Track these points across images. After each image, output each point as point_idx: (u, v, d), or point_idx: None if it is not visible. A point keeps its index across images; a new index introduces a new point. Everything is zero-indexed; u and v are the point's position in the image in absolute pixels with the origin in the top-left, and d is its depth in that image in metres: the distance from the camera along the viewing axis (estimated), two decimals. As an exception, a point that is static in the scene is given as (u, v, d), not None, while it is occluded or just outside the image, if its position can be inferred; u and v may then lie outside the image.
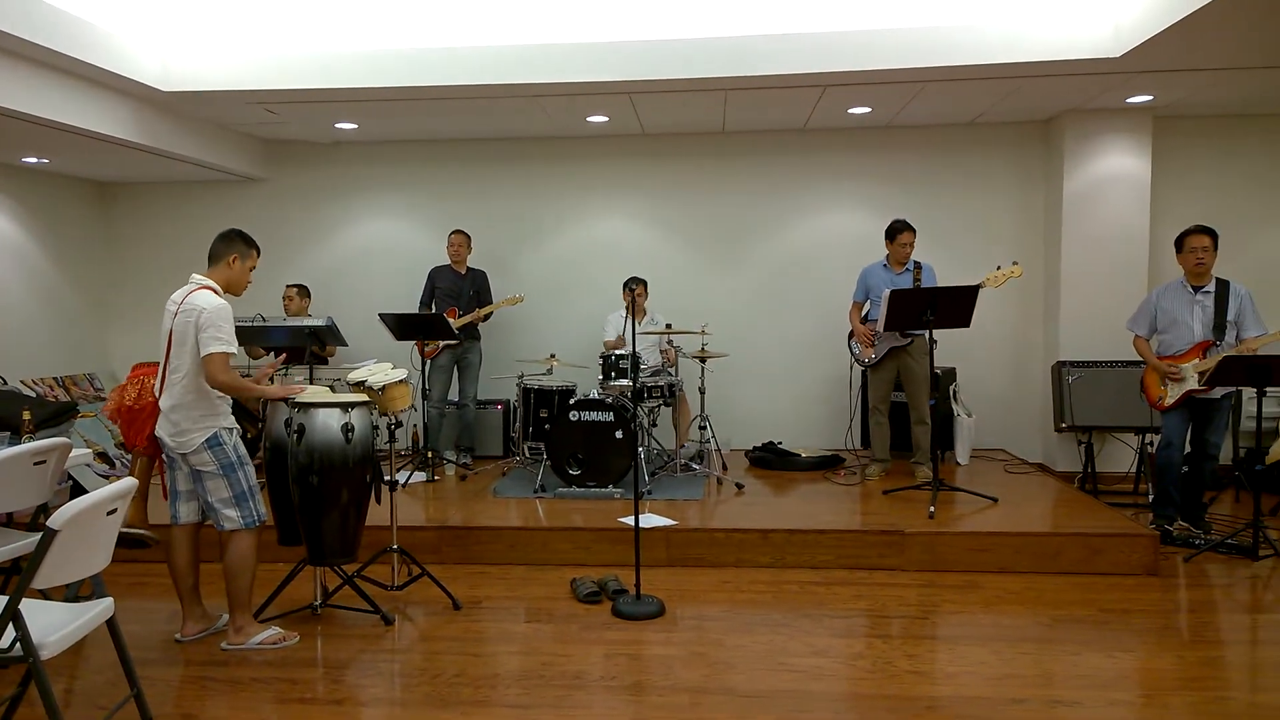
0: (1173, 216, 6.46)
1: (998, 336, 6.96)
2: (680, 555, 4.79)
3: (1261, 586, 4.39)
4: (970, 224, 6.98)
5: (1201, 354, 4.95)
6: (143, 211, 7.65)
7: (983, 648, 3.66)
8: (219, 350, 3.54)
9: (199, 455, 3.63)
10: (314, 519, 3.82)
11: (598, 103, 6.06)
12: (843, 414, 6.93)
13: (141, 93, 5.53)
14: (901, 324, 5.38)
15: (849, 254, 6.78)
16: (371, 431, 3.95)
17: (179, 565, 3.80)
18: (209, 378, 3.57)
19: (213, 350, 3.53)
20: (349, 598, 4.11)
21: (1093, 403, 6.14)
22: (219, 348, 3.54)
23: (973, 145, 6.95)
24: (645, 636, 3.82)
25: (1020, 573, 4.60)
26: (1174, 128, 6.62)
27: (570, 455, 5.62)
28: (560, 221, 7.35)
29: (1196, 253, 4.96)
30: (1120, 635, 3.78)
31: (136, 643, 3.76)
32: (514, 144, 7.28)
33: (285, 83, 5.53)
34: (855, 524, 4.90)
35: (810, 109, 6.31)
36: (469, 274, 6.73)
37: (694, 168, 7.20)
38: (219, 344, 3.54)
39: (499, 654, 3.66)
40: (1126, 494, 6.12)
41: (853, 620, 3.99)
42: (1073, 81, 5.60)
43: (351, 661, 3.61)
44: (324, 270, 7.45)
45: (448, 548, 4.90)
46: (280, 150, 7.42)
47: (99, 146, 5.82)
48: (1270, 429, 6.20)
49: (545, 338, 7.16)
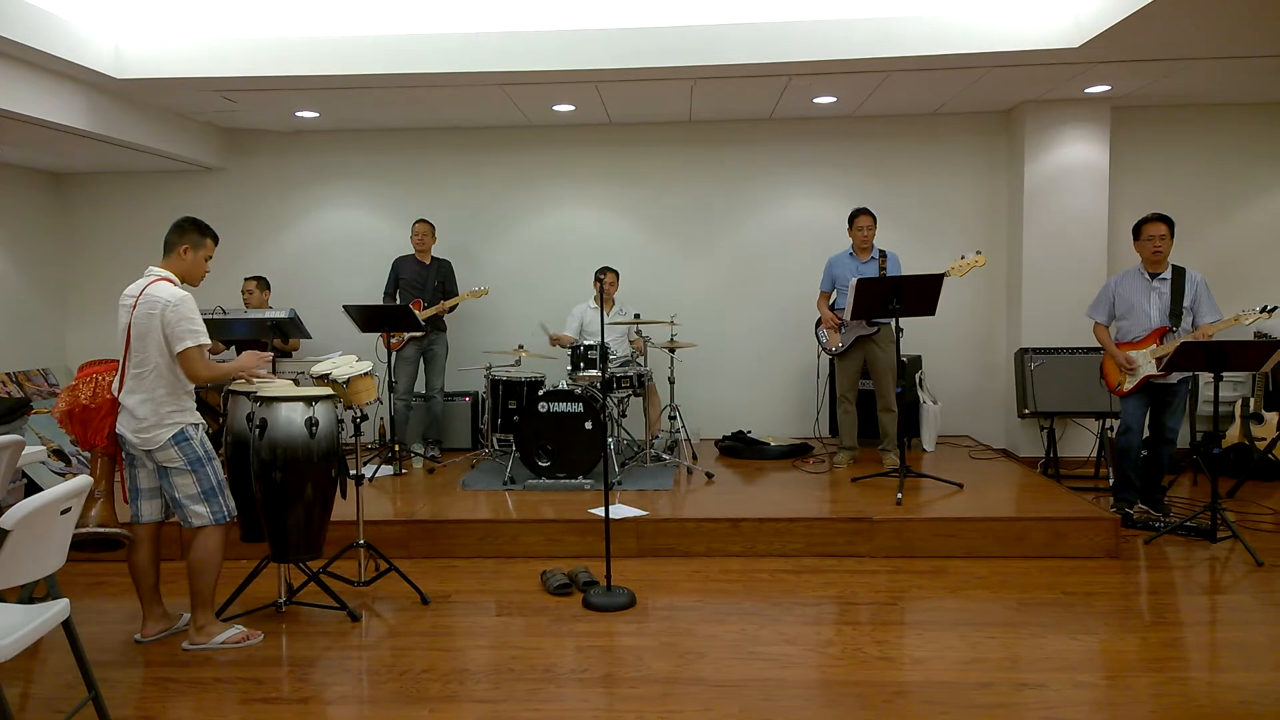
0: (1131, 205, 6.56)
1: (962, 324, 7.04)
2: (651, 545, 4.78)
3: (1220, 568, 4.49)
4: (935, 213, 7.04)
5: (1158, 340, 5.04)
6: (99, 202, 7.47)
7: (950, 632, 3.70)
8: (194, 344, 3.46)
9: (165, 451, 3.54)
10: (278, 515, 3.76)
11: (564, 91, 6.01)
12: (811, 402, 6.96)
13: (94, 80, 5.38)
14: (868, 312, 5.41)
15: (815, 243, 6.81)
16: (336, 425, 3.89)
17: (140, 564, 3.72)
18: (190, 375, 3.49)
19: (188, 344, 3.45)
20: (315, 594, 4.05)
21: (1054, 389, 6.23)
22: (194, 340, 3.46)
23: (936, 135, 7.00)
24: (616, 628, 3.81)
25: (986, 557, 4.66)
26: (1131, 118, 6.72)
27: (539, 447, 5.59)
28: (526, 211, 7.29)
29: (1154, 241, 5.04)
30: (1084, 617, 3.84)
31: (95, 644, 3.68)
32: (479, 133, 7.20)
33: (243, 70, 5.42)
34: (825, 512, 4.93)
35: (776, 98, 6.31)
36: (434, 264, 6.65)
37: (661, 157, 7.18)
38: (193, 337, 3.46)
39: (468, 648, 3.63)
40: (1088, 478, 6.22)
41: (823, 608, 4.02)
42: (1033, 71, 5.66)
43: (317, 659, 3.56)
44: (286, 261, 7.33)
45: (416, 542, 4.85)
46: (240, 139, 7.27)
47: (51, 136, 5.66)
48: (1227, 413, 6.34)
49: (512, 328, 7.10)
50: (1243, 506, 5.53)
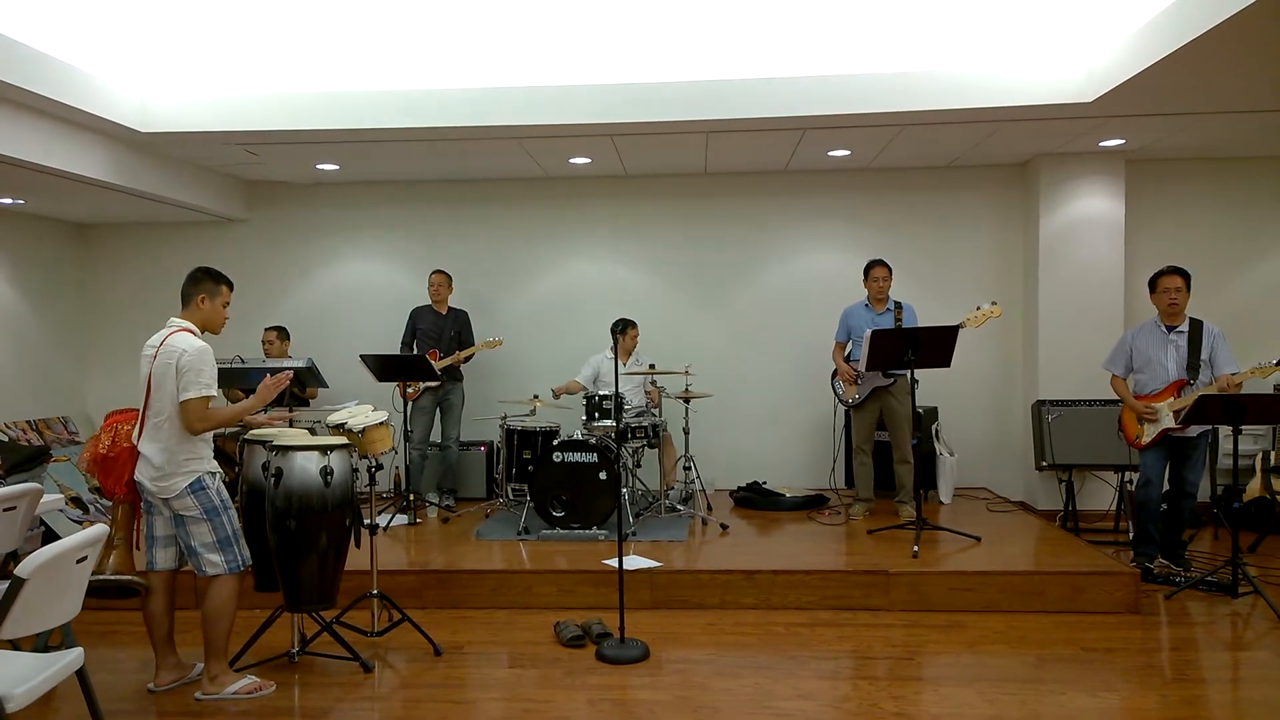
0: (1146, 257, 6.57)
1: (978, 376, 7.01)
2: (665, 597, 4.74)
3: (1242, 624, 4.40)
4: (950, 265, 7.06)
5: (1176, 393, 5.01)
6: (121, 253, 7.61)
7: (968, 688, 3.63)
8: (196, 396, 3.50)
9: (182, 500, 3.56)
10: (291, 564, 3.76)
11: (580, 144, 6.11)
12: (826, 454, 6.93)
13: (119, 133, 5.52)
14: (883, 364, 5.41)
15: (831, 294, 6.82)
16: (351, 474, 3.90)
17: (155, 612, 3.71)
18: (186, 426, 3.53)
19: (190, 396, 3.49)
20: (327, 644, 4.03)
21: (1072, 441, 6.18)
22: (197, 392, 3.50)
23: (951, 187, 7.06)
24: (630, 681, 3.76)
25: (1004, 612, 4.58)
26: (1146, 171, 6.76)
27: (554, 497, 5.57)
28: (542, 262, 7.37)
29: (1170, 293, 5.03)
30: (1104, 674, 3.77)
31: (108, 693, 3.67)
32: (496, 185, 7.32)
33: (266, 124, 5.54)
34: (840, 564, 4.88)
35: (790, 151, 6.39)
36: (450, 314, 6.71)
37: (676, 209, 7.26)
38: (197, 388, 3.50)
39: (480, 700, 3.60)
40: (1107, 531, 6.14)
41: (838, 662, 3.96)
42: (1047, 125, 5.71)
43: (330, 710, 3.54)
44: (305, 311, 7.42)
45: (429, 591, 4.82)
46: (261, 191, 7.41)
47: (75, 188, 5.78)
48: (1247, 466, 6.26)
49: (528, 379, 7.13)
50: (1264, 561, 5.44)
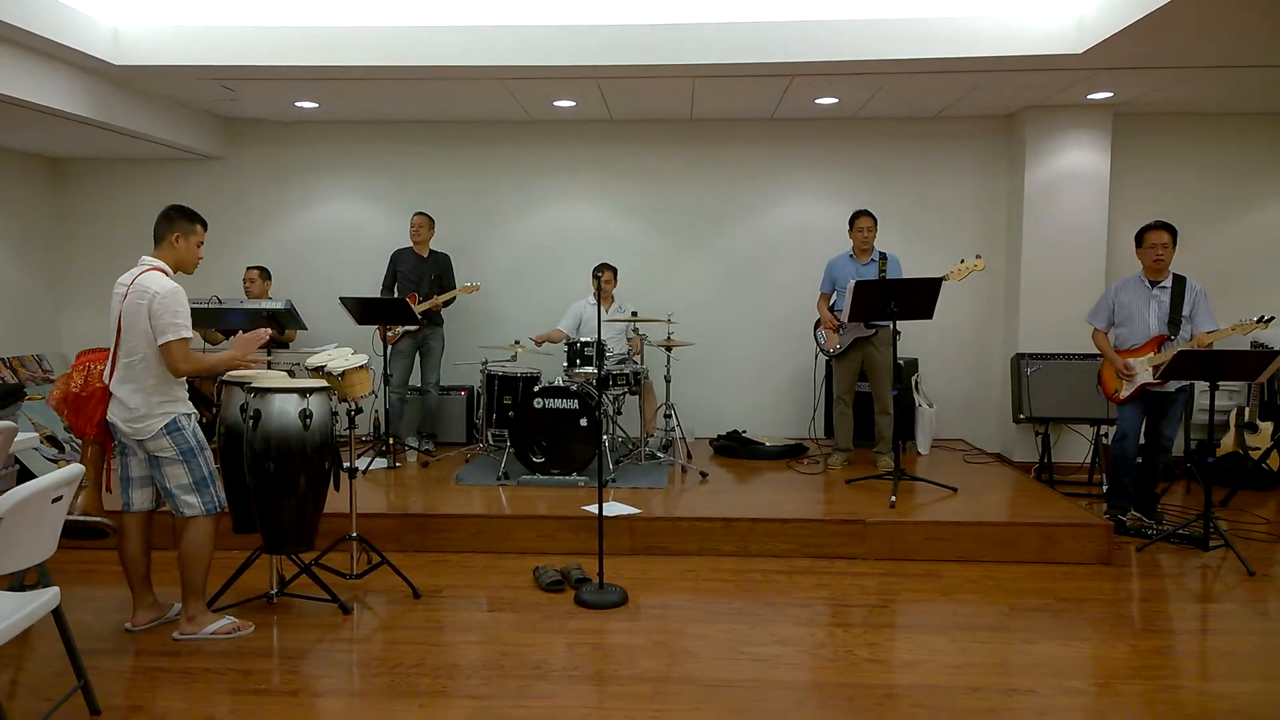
0: (1131, 212, 6.57)
1: (959, 328, 7.04)
2: (644, 543, 4.77)
3: (1211, 576, 4.49)
4: (935, 216, 7.03)
5: (1156, 348, 5.04)
6: (97, 189, 7.44)
7: (941, 636, 3.69)
8: (176, 338, 3.45)
9: (157, 441, 3.53)
10: (270, 507, 3.75)
11: (565, 87, 5.99)
12: (807, 403, 6.96)
13: (92, 66, 5.36)
14: (866, 315, 5.41)
15: (816, 244, 6.80)
16: (330, 418, 3.87)
17: (131, 553, 3.71)
18: (171, 368, 3.48)
19: (170, 338, 3.44)
20: (306, 586, 4.04)
21: (1050, 395, 6.24)
22: (175, 334, 3.45)
23: (938, 138, 6.99)
24: (608, 625, 3.80)
25: (979, 561, 4.66)
26: (1134, 125, 6.72)
27: (534, 443, 5.58)
28: (525, 207, 7.27)
29: (1156, 249, 5.03)
30: (1075, 624, 3.84)
31: (86, 632, 3.67)
32: (480, 127, 7.18)
33: (243, 59, 5.39)
34: (818, 513, 4.92)
35: (778, 99, 6.30)
36: (431, 257, 6.64)
37: (662, 155, 7.16)
38: (175, 330, 3.45)
39: (459, 643, 3.63)
40: (1081, 484, 6.23)
41: (815, 609, 4.01)
42: (1036, 77, 5.65)
43: (308, 651, 3.56)
44: (284, 252, 7.31)
45: (409, 535, 4.84)
46: (239, 128, 7.25)
47: (48, 121, 5.63)
48: (1221, 422, 6.34)
49: (509, 324, 7.09)
50: (1235, 515, 5.54)
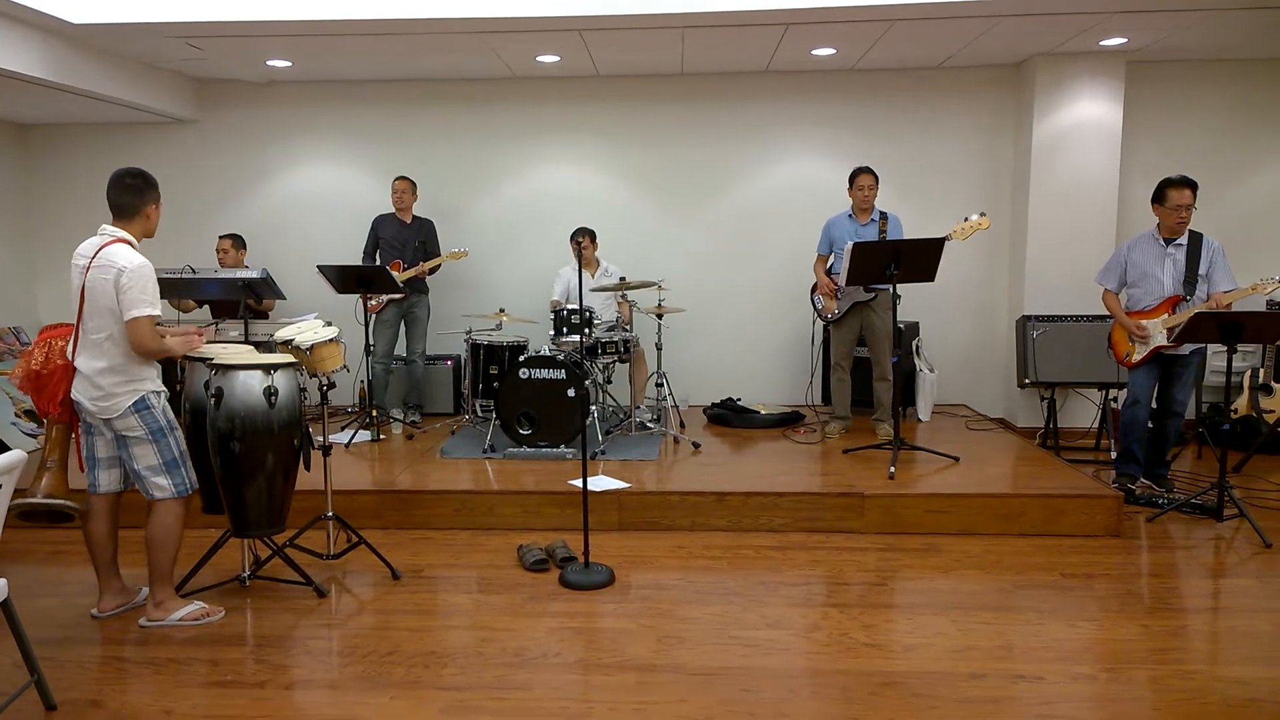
0: (1143, 166, 6.31)
1: (962, 290, 6.79)
2: (633, 519, 4.60)
3: (1225, 548, 4.30)
4: (938, 173, 6.75)
5: (1171, 309, 4.81)
6: (67, 155, 7.18)
7: (942, 616, 3.52)
8: (144, 314, 3.26)
9: (125, 420, 3.35)
10: (236, 488, 3.57)
11: (547, 40, 5.70)
12: (803, 370, 6.75)
13: (50, 25, 5.09)
14: (864, 278, 5.16)
15: (813, 203, 6.55)
16: (298, 394, 3.68)
17: (97, 536, 3.55)
18: (136, 345, 3.29)
19: (136, 313, 3.25)
20: (281, 568, 3.88)
21: (1057, 358, 6.01)
22: (142, 310, 3.25)
23: (941, 90, 6.68)
24: (593, 608, 3.64)
25: (981, 535, 4.48)
26: (1147, 73, 6.41)
27: (520, 414, 5.38)
28: (510, 169, 7.00)
29: (1180, 210, 4.73)
30: (1083, 602, 3.67)
31: (49, 619, 3.55)
32: (462, 85, 6.89)
33: (208, 14, 5.11)
34: (814, 485, 4.74)
35: (772, 50, 6.00)
36: (415, 223, 6.40)
37: (651, 112, 6.87)
38: (143, 306, 3.26)
39: (437, 628, 3.46)
40: (1088, 450, 6.04)
41: (809, 588, 3.84)
42: (1046, 21, 5.35)
43: (280, 639, 3.40)
44: (261, 218, 7.06)
45: (389, 512, 4.67)
46: (211, 90, 6.96)
47: (9, 85, 5.38)
48: (1234, 384, 6.12)
49: (495, 291, 6.87)
50: (1248, 482, 5.35)
